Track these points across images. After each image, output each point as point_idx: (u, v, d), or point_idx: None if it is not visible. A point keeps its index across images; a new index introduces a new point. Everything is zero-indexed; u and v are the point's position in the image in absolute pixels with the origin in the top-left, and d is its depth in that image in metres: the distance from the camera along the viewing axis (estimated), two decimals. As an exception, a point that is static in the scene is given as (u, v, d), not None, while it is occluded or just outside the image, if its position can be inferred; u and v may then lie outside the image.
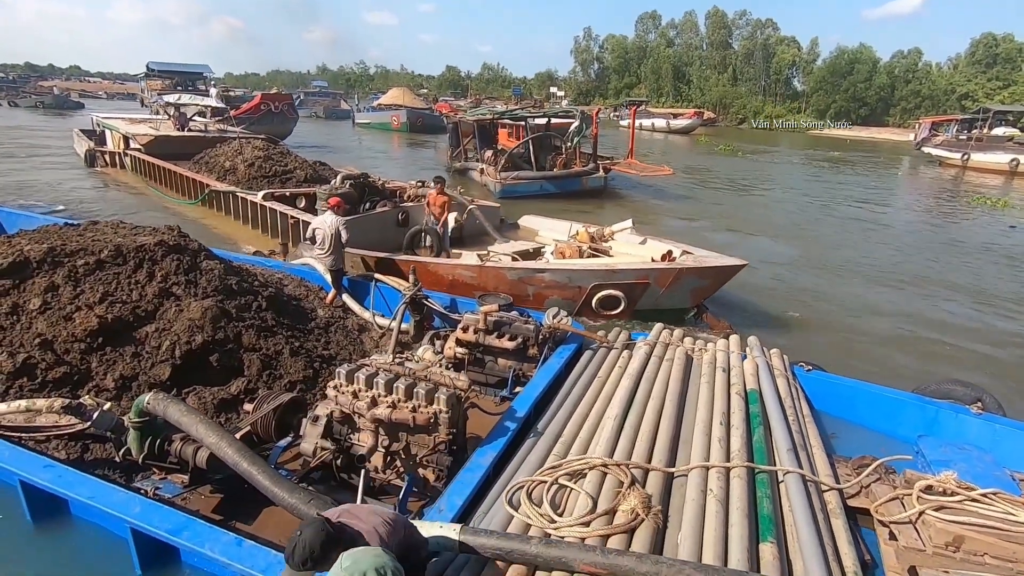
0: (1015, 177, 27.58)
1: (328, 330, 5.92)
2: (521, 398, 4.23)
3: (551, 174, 16.71)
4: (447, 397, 3.43)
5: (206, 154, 15.12)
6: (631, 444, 3.60)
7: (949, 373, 6.74)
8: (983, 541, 2.74)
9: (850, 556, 2.93)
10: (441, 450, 3.50)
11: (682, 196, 18.73)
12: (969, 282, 10.81)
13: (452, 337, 5.20)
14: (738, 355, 4.79)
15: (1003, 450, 3.61)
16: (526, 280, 7.30)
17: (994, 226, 16.29)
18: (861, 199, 20.57)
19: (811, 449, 3.73)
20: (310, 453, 3.63)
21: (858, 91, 65.20)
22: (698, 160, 30.88)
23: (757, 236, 13.81)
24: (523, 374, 4.94)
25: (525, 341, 4.91)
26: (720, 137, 47.17)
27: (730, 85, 73.94)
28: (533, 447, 3.67)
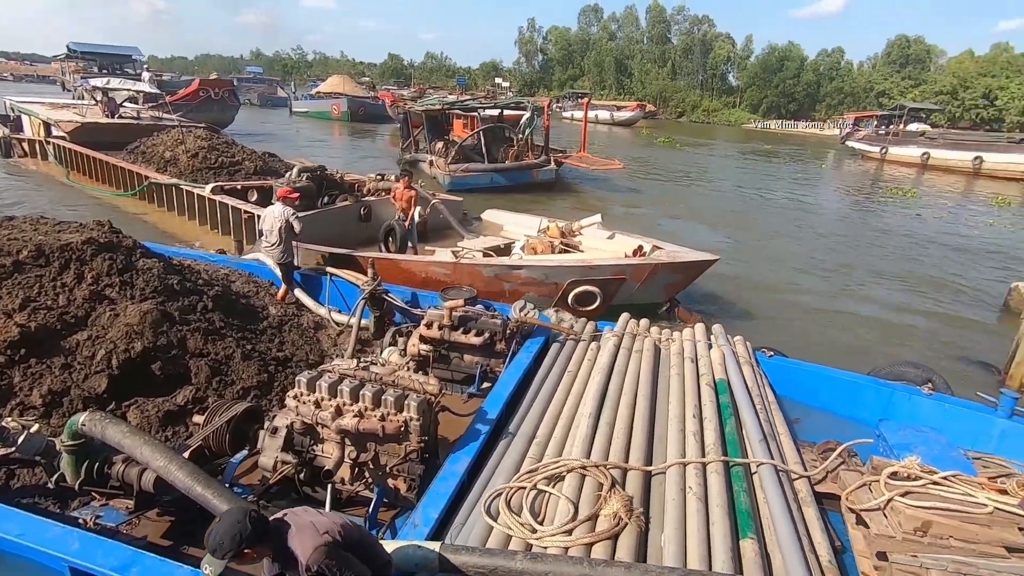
0: (926, 169, 29.74)
1: (282, 329, 5.57)
2: (492, 397, 4.10)
3: (503, 166, 16.56)
4: (418, 404, 3.26)
5: (141, 143, 14.03)
6: (607, 442, 3.55)
7: (888, 350, 7.17)
8: (948, 525, 2.86)
9: (823, 545, 3.00)
10: (413, 459, 3.33)
11: (630, 188, 19.08)
12: (890, 266, 11.57)
13: (416, 334, 5.01)
14: (704, 344, 4.85)
15: (954, 429, 3.82)
16: (502, 277, 7.19)
17: (906, 215, 17.51)
18: (793, 190, 21.64)
19: (779, 437, 3.81)
20: (269, 467, 3.38)
21: (788, 87, 68.42)
22: (641, 152, 31.56)
23: (702, 226, 14.26)
24: (491, 370, 4.82)
25: (492, 336, 4.79)
26: (660, 130, 48.44)
27: (669, 79, 75.90)
28: (508, 450, 3.56)
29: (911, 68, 66.27)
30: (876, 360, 5.83)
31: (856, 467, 3.56)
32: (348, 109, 39.40)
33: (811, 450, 3.90)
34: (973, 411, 4.08)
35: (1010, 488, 3.15)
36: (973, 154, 28.83)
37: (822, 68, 69.15)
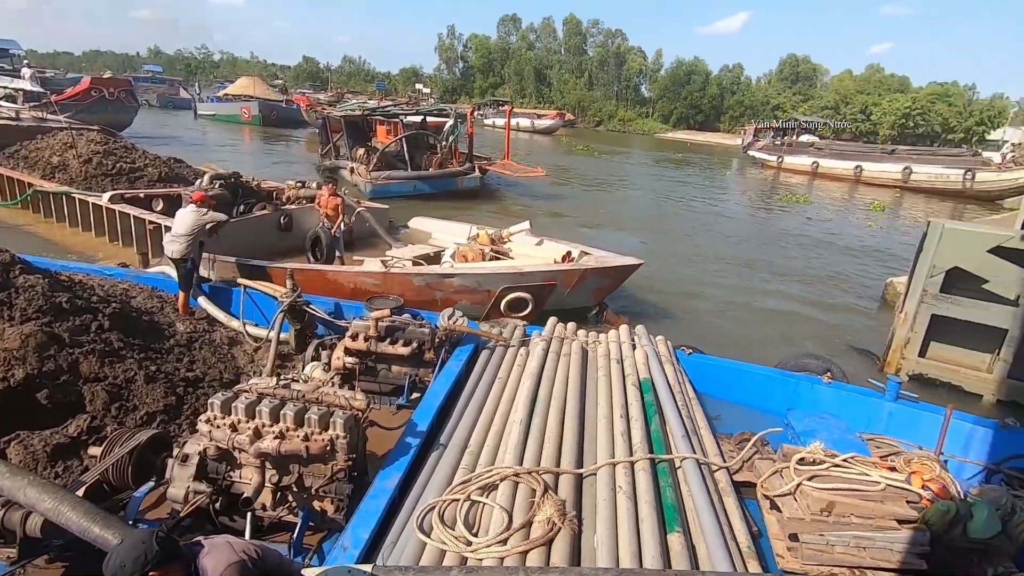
0: (816, 177, 32.62)
1: (191, 347, 5.18)
2: (422, 408, 4.02)
3: (426, 174, 16.38)
4: (344, 420, 3.13)
5: (22, 147, 12.64)
6: (539, 447, 3.58)
7: (790, 343, 7.75)
8: (848, 503, 3.12)
9: (743, 532, 3.18)
10: (340, 478, 3.19)
11: (553, 195, 19.47)
12: (788, 265, 12.57)
13: (340, 346, 4.82)
14: (629, 345, 5.02)
15: (851, 414, 4.19)
16: (434, 286, 7.09)
17: (799, 218, 19.15)
18: (703, 196, 23.02)
19: (700, 431, 4.00)
20: (180, 499, 3.12)
21: (695, 99, 72.84)
22: (562, 159, 32.37)
23: (622, 231, 14.81)
24: (420, 380, 4.73)
25: (421, 345, 4.70)
26: (579, 138, 49.95)
27: (587, 89, 78.52)
28: (440, 462, 3.50)
29: (801, 84, 72.64)
30: (782, 352, 6.31)
31: (768, 455, 3.81)
32: (260, 113, 37.50)
33: (729, 442, 4.13)
34: (865, 396, 4.50)
35: (898, 465, 3.50)
36: (854, 163, 31.98)
37: (725, 82, 74.18)
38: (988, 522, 3.11)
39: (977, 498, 3.29)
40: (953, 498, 3.22)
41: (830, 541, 3.13)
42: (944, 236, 6.39)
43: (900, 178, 29.35)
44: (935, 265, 6.44)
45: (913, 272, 6.81)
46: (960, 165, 28.53)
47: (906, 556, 3.02)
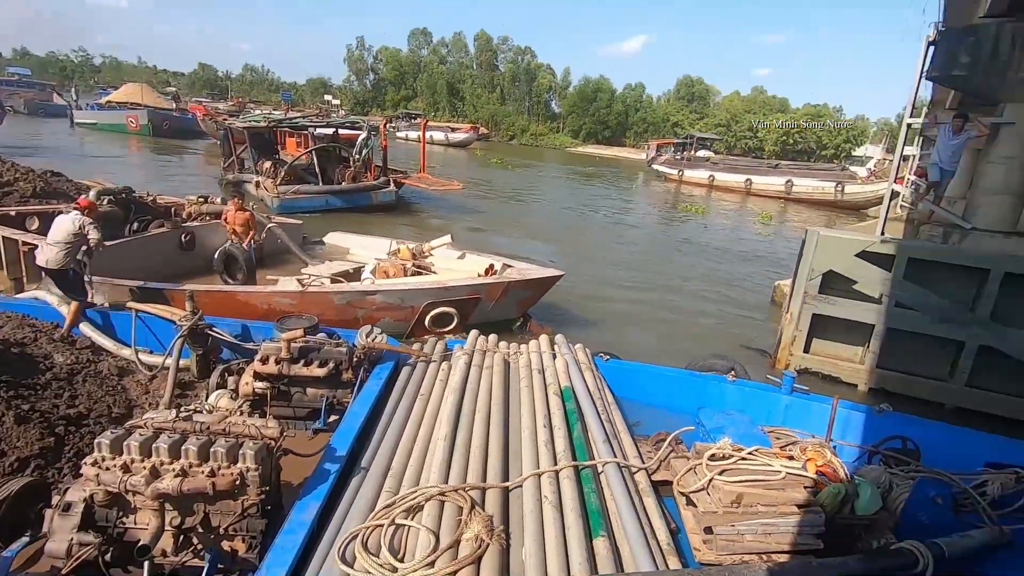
0: (712, 189, 35.21)
1: (73, 381, 4.66)
2: (340, 432, 3.85)
3: (339, 188, 15.88)
4: (255, 451, 2.93)
5: None
6: (465, 464, 3.54)
7: (696, 344, 8.24)
8: (755, 494, 3.34)
9: (662, 530, 3.31)
10: (252, 514, 2.98)
11: (470, 208, 19.55)
12: (691, 271, 13.44)
13: (249, 371, 4.52)
14: (549, 354, 5.10)
15: (753, 409, 4.50)
16: (355, 304, 6.83)
17: (699, 227, 20.57)
18: (613, 207, 24.09)
19: (619, 435, 4.14)
20: (62, 553, 2.77)
21: (602, 115, 76.25)
22: (477, 173, 32.64)
23: (539, 242, 15.13)
24: (338, 402, 4.53)
25: (338, 366, 4.51)
26: (494, 151, 50.64)
27: (499, 104, 79.86)
28: (362, 487, 3.36)
29: (696, 103, 78.21)
30: (690, 353, 6.70)
31: (683, 454, 4.00)
32: (149, 122, 34.71)
33: (646, 443, 4.30)
34: (765, 391, 4.87)
35: (795, 454, 3.79)
36: (745, 177, 34.95)
37: (628, 100, 78.28)
38: (872, 499, 3.46)
39: (861, 478, 3.64)
40: (842, 480, 3.53)
41: (740, 531, 3.33)
42: (819, 243, 7.10)
43: (784, 190, 32.42)
44: (813, 269, 7.14)
45: (796, 276, 7.50)
46: (832, 179, 32.02)
47: (806, 537, 3.28)
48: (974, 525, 3.48)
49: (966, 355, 6.69)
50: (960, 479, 3.68)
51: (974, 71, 8.04)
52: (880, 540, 3.32)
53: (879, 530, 3.41)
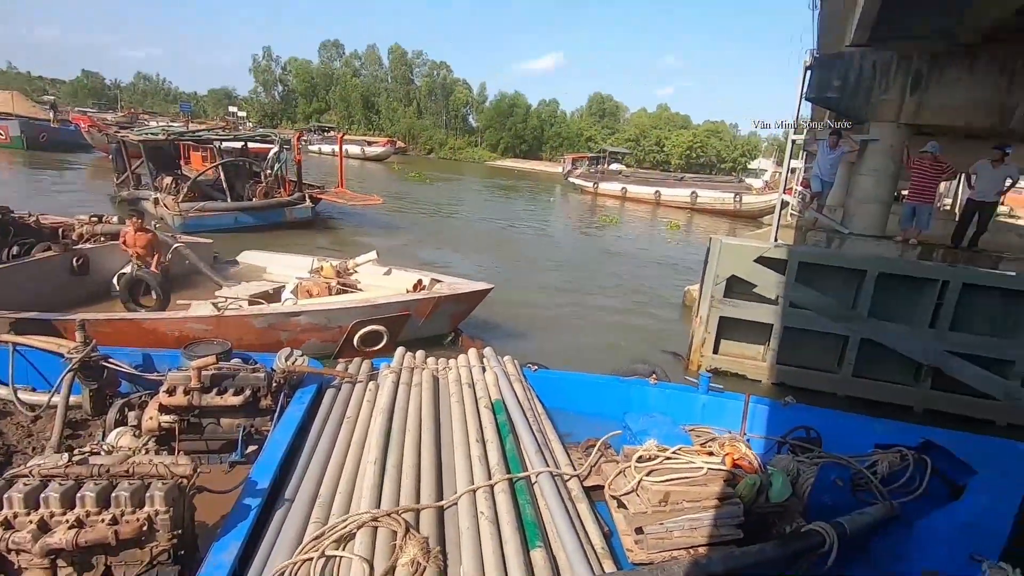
0: (625, 201, 36.91)
1: (-69, 433, 4.05)
2: (261, 463, 3.62)
3: (249, 205, 15.04)
4: (165, 492, 2.70)
5: None
6: (397, 486, 3.44)
7: (618, 350, 8.54)
8: (680, 491, 3.50)
9: (596, 534, 3.38)
10: (163, 561, 2.74)
11: (391, 223, 19.20)
12: (610, 280, 13.96)
13: (153, 404, 4.16)
14: (479, 368, 5.09)
15: (675, 409, 4.72)
16: (278, 326, 6.46)
17: (614, 237, 21.50)
18: (533, 219, 24.59)
19: (551, 444, 4.19)
20: (-73, 632, 2.40)
21: (518, 130, 77.86)
22: (396, 187, 32.17)
23: (463, 255, 15.13)
24: (257, 431, 4.27)
25: (255, 392, 4.25)
26: (412, 165, 50.22)
27: (416, 118, 79.44)
28: (287, 519, 3.18)
29: (607, 119, 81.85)
30: (614, 358, 6.95)
31: (613, 458, 4.12)
32: (23, 134, 31.28)
33: (577, 450, 4.39)
34: (684, 392, 5.12)
35: (715, 449, 4.02)
36: (654, 189, 37.01)
37: (544, 115, 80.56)
38: (783, 487, 3.73)
39: (773, 468, 3.92)
40: (757, 471, 3.79)
41: (668, 528, 3.47)
42: (722, 250, 7.62)
43: (689, 201, 34.61)
44: (718, 275, 7.64)
45: (703, 281, 7.99)
46: (731, 190, 34.61)
47: (727, 528, 3.48)
48: (869, 502, 3.84)
49: (851, 348, 7.39)
50: (856, 461, 4.06)
51: (843, 93, 9.03)
52: (792, 524, 3.58)
53: (791, 515, 3.68)
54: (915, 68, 8.52)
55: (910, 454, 4.10)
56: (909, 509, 3.81)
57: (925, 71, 8.48)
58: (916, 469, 4.00)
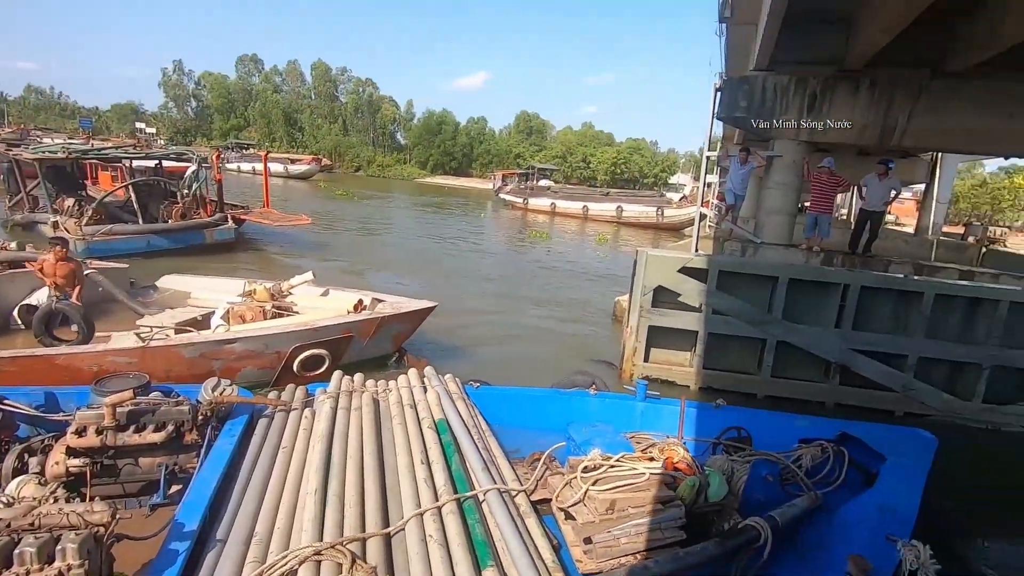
0: (555, 216, 37.77)
1: None
2: (187, 504, 3.37)
3: (164, 227, 14.06)
4: (78, 544, 2.46)
5: None
6: (340, 516, 3.31)
7: (557, 362, 8.65)
8: (625, 498, 3.59)
9: (546, 548, 3.39)
10: (79, 620, 2.47)
11: (321, 243, 18.58)
12: (544, 293, 14.17)
13: (58, 447, 3.78)
14: (420, 388, 5.00)
15: (615, 418, 4.84)
16: (211, 355, 6.05)
17: (545, 251, 21.93)
18: (466, 235, 24.61)
19: (497, 461, 4.17)
20: None
21: (448, 147, 77.96)
22: (323, 205, 31.24)
23: (398, 274, 14.86)
24: (181, 469, 3.97)
25: (179, 427, 3.96)
26: (338, 183, 48.98)
27: (342, 135, 77.79)
28: (219, 562, 2.97)
29: (535, 136, 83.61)
30: (554, 371, 7.04)
31: (558, 470, 4.16)
32: None
33: (523, 465, 4.39)
34: (623, 400, 5.27)
35: (655, 455, 4.16)
36: (581, 204, 38.20)
37: (472, 132, 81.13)
38: (720, 486, 3.91)
39: (710, 468, 4.10)
40: (695, 473, 3.95)
41: (616, 535, 3.54)
42: (648, 261, 7.94)
43: (615, 215, 35.95)
44: (645, 285, 7.95)
45: (631, 292, 8.29)
46: (654, 204, 36.30)
47: (671, 531, 3.59)
48: (796, 494, 4.09)
49: (768, 350, 7.89)
50: (783, 457, 4.32)
51: (750, 113, 9.74)
52: (730, 521, 3.75)
53: (728, 512, 3.86)
54: (810, 91, 9.33)
55: (829, 447, 4.42)
56: (831, 498, 4.10)
57: (819, 93, 9.31)
58: (835, 460, 4.32)
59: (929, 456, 4.32)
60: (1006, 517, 5.57)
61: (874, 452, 4.29)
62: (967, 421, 7.54)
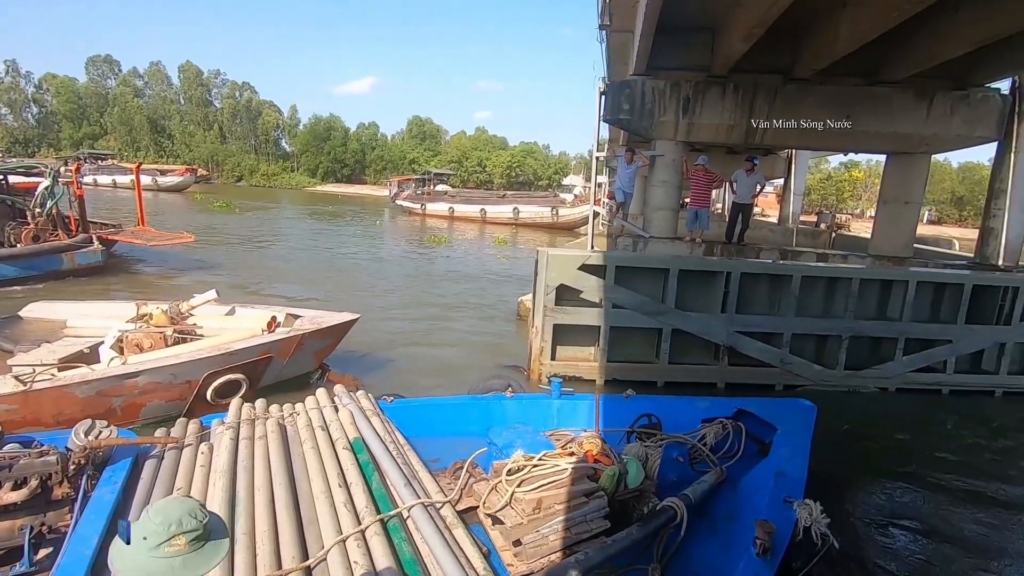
0: (453, 220, 37.77)
1: None
2: (63, 568, 2.93)
3: (11, 252, 12.15)
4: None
5: None
6: (252, 555, 3.04)
7: (471, 366, 8.58)
8: (550, 495, 3.63)
9: (476, 557, 3.34)
10: None
11: (206, 260, 17.00)
12: (448, 298, 14.03)
13: None
14: (331, 408, 4.74)
15: (534, 418, 4.90)
16: (109, 392, 5.35)
17: (446, 256, 21.87)
18: (364, 244, 23.87)
19: (419, 475, 4.05)
20: None
21: (338, 154, 75.14)
22: (201, 219, 28.77)
23: (296, 285, 14.02)
24: (51, 528, 3.44)
25: (44, 481, 3.44)
26: (218, 194, 45.46)
27: (220, 142, 72.29)
28: (110, 629, 2.61)
29: (429, 142, 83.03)
30: (464, 376, 6.99)
31: (482, 477, 4.12)
32: None
33: (445, 475, 4.30)
34: (540, 399, 5.35)
35: (575, 449, 4.25)
36: (479, 207, 38.54)
37: (364, 138, 78.93)
38: (638, 472, 4.09)
39: (627, 456, 4.27)
40: (614, 463, 4.10)
41: (544, 533, 3.58)
42: (549, 261, 8.14)
43: (512, 217, 36.70)
44: (547, 284, 8.13)
45: (535, 292, 8.45)
46: (549, 205, 37.47)
47: (597, 522, 3.69)
48: (704, 471, 4.39)
49: (664, 339, 8.38)
50: (690, 437, 4.61)
51: (632, 115, 10.35)
52: (649, 505, 3.93)
53: (646, 497, 4.04)
54: (684, 94, 10.11)
55: (729, 423, 4.78)
56: (734, 471, 4.44)
57: (691, 96, 10.10)
58: (735, 436, 4.68)
59: (811, 422, 4.83)
60: (871, 465, 6.37)
61: (767, 424, 4.70)
62: (833, 387, 8.51)
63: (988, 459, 6.78)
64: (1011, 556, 4.91)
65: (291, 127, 78.57)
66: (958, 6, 7.29)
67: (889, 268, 9.48)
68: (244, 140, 74.80)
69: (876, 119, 9.88)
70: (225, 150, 72.05)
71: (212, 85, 76.33)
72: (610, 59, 15.66)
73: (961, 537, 5.11)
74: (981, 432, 7.66)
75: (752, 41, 8.02)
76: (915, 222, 11.29)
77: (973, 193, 56.46)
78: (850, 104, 9.81)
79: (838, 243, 17.39)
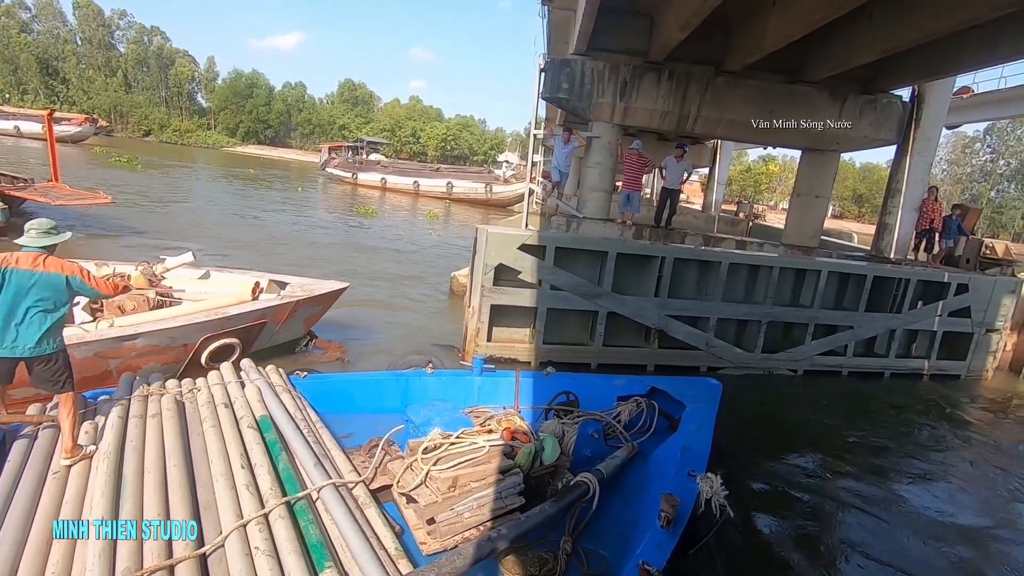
0: (386, 192, 36.66)
1: None
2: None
3: None
4: None
5: None
6: (139, 544, 2.80)
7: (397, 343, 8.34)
8: (467, 473, 3.61)
9: (388, 537, 3.28)
10: None
11: (114, 219, 15.44)
12: (379, 270, 13.66)
13: None
14: (236, 384, 4.46)
15: (453, 395, 4.84)
16: (107, 354, 5.15)
17: (378, 228, 21.24)
18: (293, 212, 22.66)
19: (331, 454, 3.90)
20: None
21: (261, 114, 70.49)
22: (102, 175, 26.15)
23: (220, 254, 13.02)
24: None
25: None
26: (122, 149, 41.53)
27: (124, 91, 65.84)
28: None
29: (360, 108, 79.55)
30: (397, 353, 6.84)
31: (398, 455, 4.03)
32: None
33: (360, 453, 4.18)
34: (460, 377, 5.29)
35: (493, 427, 4.25)
36: (412, 179, 37.61)
37: (290, 99, 74.39)
38: (554, 449, 4.14)
39: (544, 433, 4.32)
40: (531, 440, 4.13)
41: (459, 511, 3.56)
42: (488, 239, 7.98)
43: (446, 191, 36.10)
44: (487, 264, 7.99)
45: (472, 271, 8.30)
46: (483, 181, 37.11)
47: (512, 498, 3.72)
48: (617, 447, 4.52)
49: (600, 321, 8.50)
50: (605, 414, 4.73)
51: (571, 95, 10.31)
52: (563, 480, 4.00)
53: (561, 472, 4.11)
54: (622, 78, 10.17)
55: (643, 401, 4.94)
56: (645, 446, 4.61)
57: (628, 80, 10.19)
58: (647, 413, 4.86)
59: (716, 400, 5.08)
60: (775, 442, 6.83)
61: (676, 401, 4.90)
62: (751, 369, 9.04)
63: (875, 435, 7.46)
64: (891, 522, 5.42)
65: (208, 80, 72.72)
66: (872, 14, 7.73)
67: (804, 258, 10.12)
68: (153, 91, 68.45)
69: (796, 116, 10.40)
70: (130, 100, 65.64)
71: (116, 27, 69.02)
72: (551, 36, 15.50)
73: (848, 503, 5.59)
74: (872, 409, 8.44)
75: (689, 31, 8.13)
76: (824, 215, 12.08)
77: (871, 191, 61.53)
78: (774, 100, 10.25)
79: (755, 231, 18.37)
